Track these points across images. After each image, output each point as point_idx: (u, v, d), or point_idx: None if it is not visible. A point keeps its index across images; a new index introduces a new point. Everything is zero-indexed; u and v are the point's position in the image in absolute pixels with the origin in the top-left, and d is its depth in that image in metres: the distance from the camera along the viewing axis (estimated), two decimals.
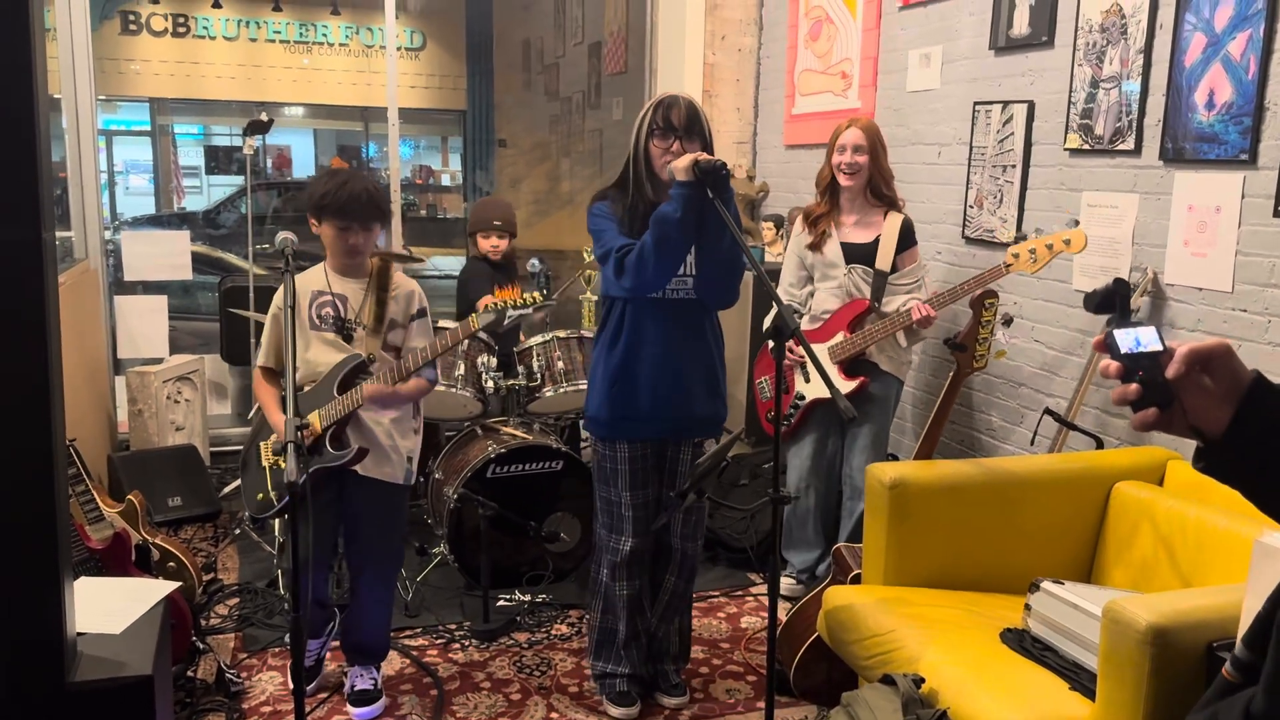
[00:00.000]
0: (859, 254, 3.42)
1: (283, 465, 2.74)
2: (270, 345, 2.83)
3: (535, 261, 4.45)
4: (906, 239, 3.43)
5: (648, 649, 2.98)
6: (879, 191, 3.43)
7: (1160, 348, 1.00)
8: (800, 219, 3.55)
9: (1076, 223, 3.19)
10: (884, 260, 3.39)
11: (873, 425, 3.45)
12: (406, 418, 2.86)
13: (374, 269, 2.80)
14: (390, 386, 2.66)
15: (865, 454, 3.44)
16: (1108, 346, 1.01)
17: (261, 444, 2.85)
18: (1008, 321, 3.39)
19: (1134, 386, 0.99)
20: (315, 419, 2.69)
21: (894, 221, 3.41)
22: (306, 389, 2.75)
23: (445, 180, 12.81)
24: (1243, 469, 1.01)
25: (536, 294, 2.74)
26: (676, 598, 2.96)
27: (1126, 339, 1.00)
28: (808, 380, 3.50)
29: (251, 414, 3.21)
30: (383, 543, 2.90)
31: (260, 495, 2.82)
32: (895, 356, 3.46)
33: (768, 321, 3.54)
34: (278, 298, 2.80)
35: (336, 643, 3.07)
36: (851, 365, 3.41)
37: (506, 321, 2.64)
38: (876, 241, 3.41)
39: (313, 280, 2.82)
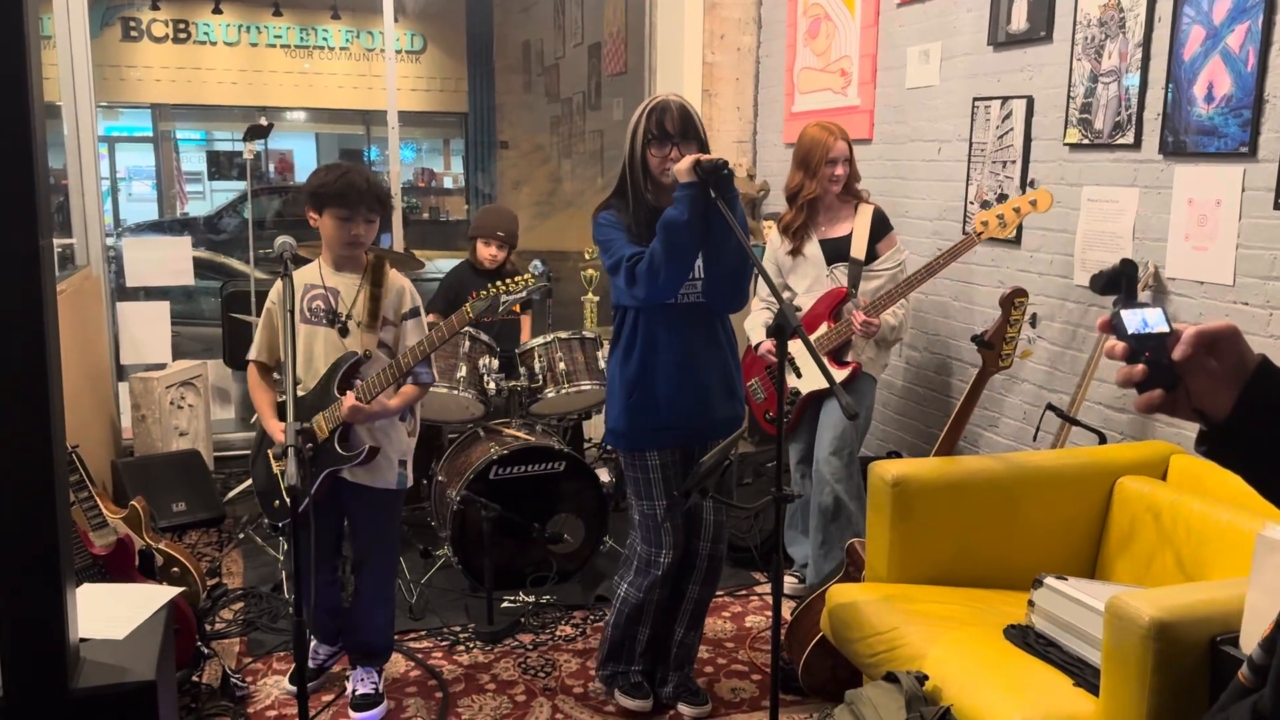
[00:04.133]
0: (839, 249, 3.47)
1: (280, 470, 2.76)
2: (264, 340, 2.83)
3: (537, 263, 4.44)
4: (881, 226, 3.48)
5: (673, 658, 2.94)
6: (849, 188, 3.50)
7: (1167, 329, 0.98)
8: (778, 230, 3.58)
9: (1035, 183, 3.20)
10: (858, 250, 3.44)
11: (843, 421, 3.44)
12: (395, 421, 2.84)
13: (368, 264, 2.79)
14: (365, 404, 2.64)
15: (832, 445, 3.41)
16: (1114, 327, 1.00)
17: (270, 450, 2.86)
18: (1034, 321, 3.38)
19: (1140, 368, 0.97)
20: (321, 421, 2.70)
21: (865, 213, 3.48)
22: (306, 392, 2.76)
23: (447, 183, 12.80)
24: (1245, 454, 0.99)
25: (527, 275, 2.70)
26: (701, 605, 2.93)
27: (1133, 320, 0.99)
28: (799, 376, 3.52)
29: (254, 419, 3.22)
30: (379, 547, 2.91)
31: (277, 503, 2.85)
32: (873, 357, 3.50)
33: (748, 323, 3.56)
34: (273, 293, 2.81)
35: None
36: (840, 354, 3.44)
37: (501, 308, 2.66)
38: (852, 235, 3.47)
39: (308, 274, 2.82)
